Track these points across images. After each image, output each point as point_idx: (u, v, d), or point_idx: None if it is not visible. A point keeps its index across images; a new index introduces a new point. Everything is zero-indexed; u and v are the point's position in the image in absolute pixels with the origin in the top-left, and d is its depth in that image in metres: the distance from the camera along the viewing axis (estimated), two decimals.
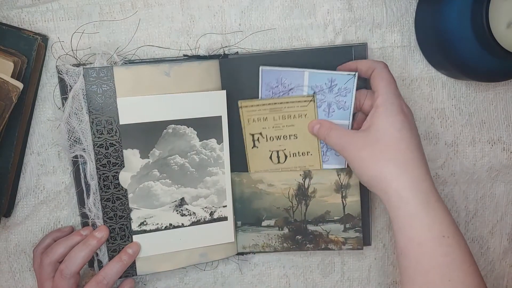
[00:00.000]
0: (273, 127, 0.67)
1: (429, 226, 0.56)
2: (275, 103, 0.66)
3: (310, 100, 0.65)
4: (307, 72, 0.65)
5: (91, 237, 0.64)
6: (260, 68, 0.65)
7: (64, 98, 0.63)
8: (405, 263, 0.57)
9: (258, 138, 0.68)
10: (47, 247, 0.66)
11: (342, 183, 0.68)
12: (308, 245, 0.70)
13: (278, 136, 0.67)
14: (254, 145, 0.68)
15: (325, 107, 0.66)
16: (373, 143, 0.59)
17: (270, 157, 0.68)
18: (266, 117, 0.67)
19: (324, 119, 0.66)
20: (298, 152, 0.68)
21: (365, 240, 0.71)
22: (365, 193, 0.70)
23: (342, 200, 0.69)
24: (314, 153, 0.68)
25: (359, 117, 0.66)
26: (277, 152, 0.68)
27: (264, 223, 0.70)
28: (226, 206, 0.69)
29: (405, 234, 0.57)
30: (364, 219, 0.70)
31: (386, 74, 0.61)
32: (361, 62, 0.64)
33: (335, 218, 0.69)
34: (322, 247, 0.70)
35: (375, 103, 0.60)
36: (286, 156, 0.68)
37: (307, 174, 0.69)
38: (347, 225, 0.69)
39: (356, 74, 0.64)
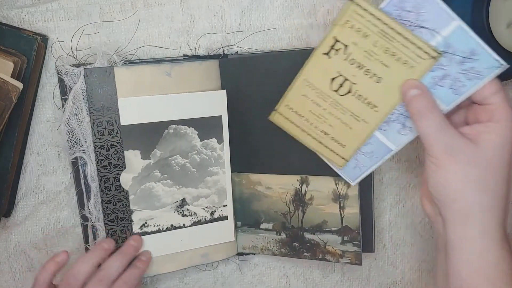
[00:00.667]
0: (364, 51, 0.53)
1: (495, 264, 0.51)
2: (392, 28, 0.51)
3: (432, 57, 0.51)
4: (456, 23, 0.50)
5: (127, 246, 0.64)
6: None
7: (64, 99, 0.63)
8: None
9: (339, 49, 0.54)
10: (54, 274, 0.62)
11: (340, 193, 0.66)
12: (305, 253, 0.70)
13: (361, 66, 0.54)
14: (328, 53, 0.55)
15: (437, 74, 0.52)
16: (481, 163, 0.50)
17: (333, 79, 0.55)
18: (368, 35, 0.52)
19: (428, 91, 0.52)
20: (365, 99, 0.55)
21: (368, 246, 0.69)
22: (368, 202, 0.68)
23: (340, 211, 0.67)
24: (381, 111, 0.55)
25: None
26: (345, 79, 0.55)
27: (262, 226, 0.70)
28: (226, 205, 0.69)
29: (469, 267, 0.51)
30: (367, 227, 0.68)
31: (503, 89, 0.51)
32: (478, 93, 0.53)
33: (333, 228, 0.68)
34: (319, 257, 0.69)
35: (494, 117, 0.51)
36: (349, 91, 0.55)
37: (304, 180, 0.68)
38: (345, 238, 0.67)
39: (505, 66, 0.50)
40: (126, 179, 0.64)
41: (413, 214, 0.74)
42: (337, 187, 0.66)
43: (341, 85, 0.56)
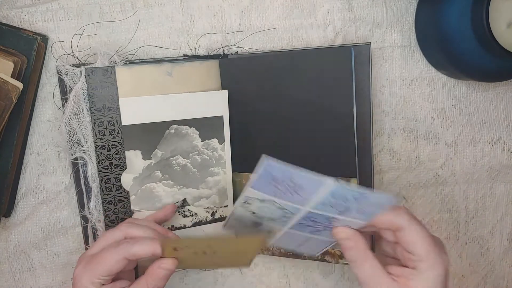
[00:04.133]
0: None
1: None
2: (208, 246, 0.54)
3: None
4: (330, 183, 0.49)
5: None
6: (264, 158, 0.50)
7: (64, 99, 0.63)
8: None
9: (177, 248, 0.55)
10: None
11: None
12: (305, 254, 0.70)
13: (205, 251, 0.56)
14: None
15: (340, 209, 0.53)
16: None
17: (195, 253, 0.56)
18: (196, 252, 0.55)
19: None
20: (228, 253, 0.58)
21: None
22: None
23: None
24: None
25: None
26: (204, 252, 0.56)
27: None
28: (227, 206, 0.69)
29: None
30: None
31: (423, 233, 0.54)
32: (380, 219, 0.55)
33: None
34: (319, 258, 0.69)
35: (418, 266, 0.53)
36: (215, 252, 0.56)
37: None
38: None
39: (396, 202, 0.52)
40: (127, 179, 0.64)
41: None
42: None
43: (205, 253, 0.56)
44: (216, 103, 0.65)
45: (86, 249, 0.67)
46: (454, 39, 0.63)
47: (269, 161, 0.49)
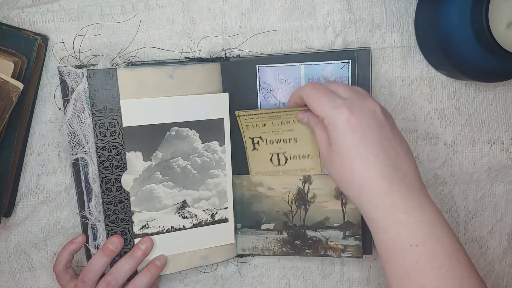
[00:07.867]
0: (272, 132, 0.67)
1: (395, 238, 0.55)
2: (273, 112, 0.65)
3: (307, 110, 0.63)
4: (302, 66, 0.66)
5: (136, 249, 0.65)
6: (257, 67, 0.66)
7: (66, 100, 0.63)
8: (386, 267, 0.57)
9: (258, 141, 0.68)
10: (68, 263, 0.66)
11: None
12: (307, 251, 0.70)
13: (278, 140, 0.67)
14: (254, 148, 0.68)
15: None
16: (334, 162, 0.58)
17: (271, 160, 0.68)
18: (265, 123, 0.66)
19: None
20: (299, 155, 0.68)
21: (366, 249, 0.71)
22: None
23: (342, 207, 0.69)
24: (314, 155, 0.67)
25: None
26: (277, 154, 0.68)
27: (263, 227, 0.71)
28: (227, 208, 0.69)
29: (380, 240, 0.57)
30: (365, 227, 0.69)
31: (306, 92, 0.60)
32: (292, 96, 0.64)
33: (335, 224, 0.69)
34: (321, 253, 0.70)
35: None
36: (286, 159, 0.68)
37: (307, 179, 0.68)
38: (347, 233, 0.69)
39: (350, 61, 0.64)
40: (127, 180, 0.64)
41: None
42: None
43: (278, 159, 0.69)
44: (217, 106, 0.65)
45: (86, 249, 0.67)
46: (454, 39, 0.63)
47: (261, 66, 0.67)
